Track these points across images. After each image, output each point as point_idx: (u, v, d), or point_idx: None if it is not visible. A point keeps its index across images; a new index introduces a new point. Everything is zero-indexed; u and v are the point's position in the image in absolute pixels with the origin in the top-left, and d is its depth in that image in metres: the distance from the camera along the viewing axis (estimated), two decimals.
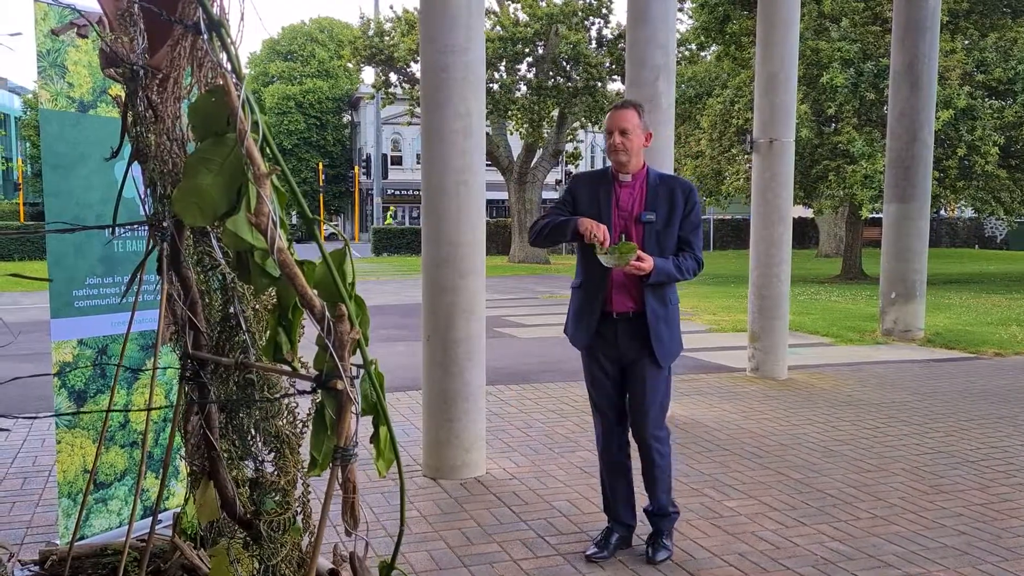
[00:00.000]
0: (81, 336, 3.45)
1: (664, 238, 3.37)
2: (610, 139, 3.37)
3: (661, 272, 3.28)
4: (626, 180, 3.41)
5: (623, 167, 3.39)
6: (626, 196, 3.41)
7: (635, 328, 3.40)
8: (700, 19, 19.96)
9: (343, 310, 1.35)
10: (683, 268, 3.35)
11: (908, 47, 9.66)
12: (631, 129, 3.33)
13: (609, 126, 3.38)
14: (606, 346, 3.46)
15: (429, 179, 4.56)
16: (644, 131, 3.40)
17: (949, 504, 4.27)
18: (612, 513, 3.66)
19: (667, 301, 3.42)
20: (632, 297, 3.39)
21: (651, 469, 3.54)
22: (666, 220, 3.37)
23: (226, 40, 1.36)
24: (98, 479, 3.56)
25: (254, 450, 1.94)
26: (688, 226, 3.40)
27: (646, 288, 3.34)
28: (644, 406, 3.47)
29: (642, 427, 3.50)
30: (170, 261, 1.96)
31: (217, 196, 1.38)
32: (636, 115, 3.37)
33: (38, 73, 3.30)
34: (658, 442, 3.51)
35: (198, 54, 1.48)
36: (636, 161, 3.40)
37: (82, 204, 3.41)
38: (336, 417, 1.37)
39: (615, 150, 3.35)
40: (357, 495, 1.34)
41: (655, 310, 3.37)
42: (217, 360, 1.76)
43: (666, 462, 3.56)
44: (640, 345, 3.40)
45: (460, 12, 4.40)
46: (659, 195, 3.37)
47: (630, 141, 3.33)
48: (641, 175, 3.42)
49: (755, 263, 7.61)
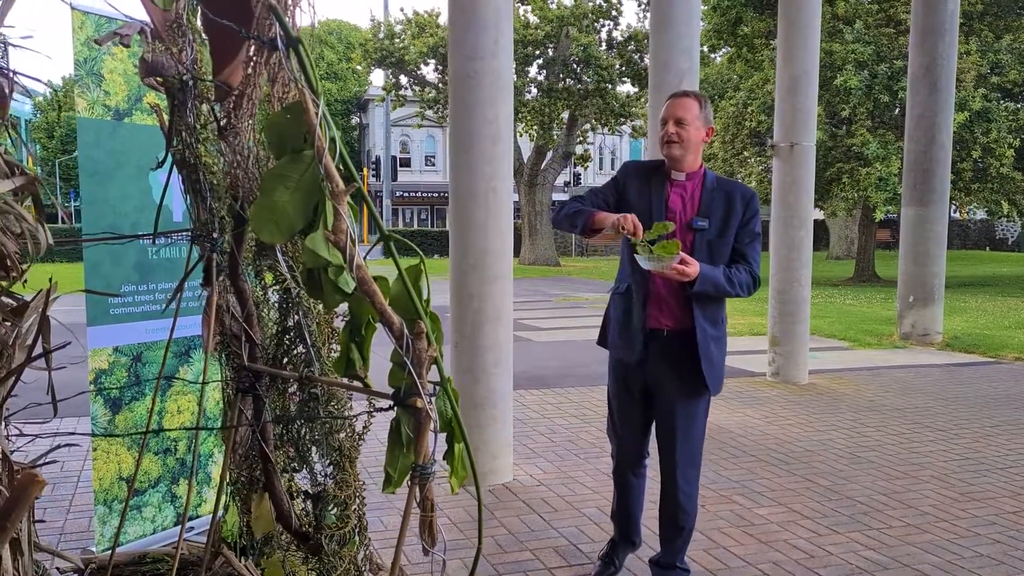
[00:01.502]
0: (117, 344, 3.46)
1: (717, 248, 2.98)
2: (664, 128, 2.99)
3: (707, 280, 2.87)
4: (679, 179, 3.04)
5: (676, 163, 3.01)
6: (678, 198, 3.03)
7: (676, 348, 3.01)
8: (712, 21, 19.91)
9: (422, 327, 1.34)
10: (735, 281, 2.94)
11: (926, 50, 9.62)
12: (690, 120, 2.95)
13: (665, 115, 3.00)
14: (640, 366, 3.10)
15: (457, 185, 4.56)
16: (705, 125, 3.01)
17: (981, 512, 4.24)
18: (622, 528, 3.44)
19: (718, 319, 3.03)
20: (671, 312, 3.01)
21: (675, 515, 3.13)
22: (720, 228, 2.99)
23: (303, 57, 1.36)
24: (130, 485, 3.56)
25: (311, 463, 1.94)
26: (746, 236, 3.01)
27: (695, 303, 2.96)
28: (674, 442, 3.06)
29: (671, 467, 3.09)
30: (227, 273, 1.96)
31: (294, 213, 1.38)
32: (697, 105, 2.98)
33: (75, 81, 3.31)
34: (687, 484, 3.10)
35: (271, 71, 1.47)
36: (693, 159, 3.02)
37: (118, 212, 3.42)
38: (414, 435, 1.36)
39: (669, 141, 2.97)
40: (435, 513, 1.33)
41: (705, 329, 2.97)
42: (278, 374, 1.76)
43: (692, 513, 3.15)
44: (682, 369, 3.02)
45: (489, 17, 4.40)
46: (715, 200, 3.00)
47: (687, 132, 2.95)
48: (697, 176, 3.05)
49: (775, 268, 7.58)
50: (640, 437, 3.26)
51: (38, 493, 0.93)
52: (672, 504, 3.12)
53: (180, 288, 2.16)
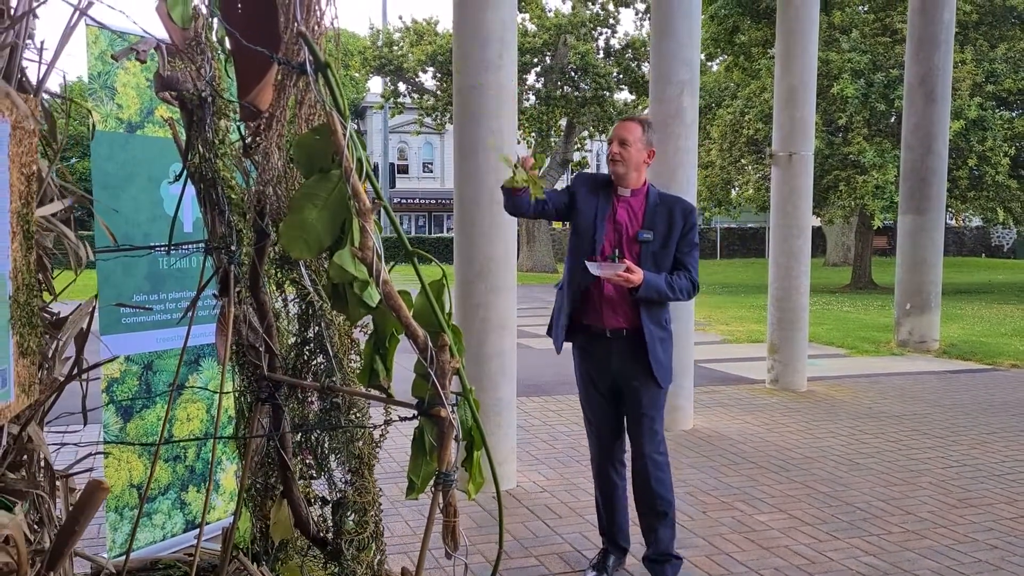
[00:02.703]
0: (128, 352, 3.51)
1: (661, 258, 3.29)
2: (609, 148, 3.34)
3: (651, 287, 3.18)
4: (624, 194, 3.34)
5: (620, 180, 3.32)
6: (623, 212, 3.33)
7: (629, 347, 3.31)
8: (709, 30, 20.05)
9: (445, 340, 1.40)
10: (676, 287, 3.25)
11: (922, 60, 9.72)
12: (631, 141, 3.27)
13: (611, 136, 3.36)
14: (600, 365, 3.38)
15: (462, 195, 4.62)
16: (646, 147, 3.32)
17: (979, 518, 4.30)
18: (609, 535, 3.58)
19: (663, 322, 3.33)
20: (624, 314, 3.30)
21: (651, 499, 3.36)
22: (664, 240, 3.30)
23: (332, 81, 1.42)
24: (143, 493, 3.61)
25: (330, 470, 2.00)
26: (685, 246, 3.33)
27: (641, 308, 3.26)
28: (642, 426, 3.36)
29: (640, 445, 3.39)
30: (247, 285, 2.01)
31: (322, 230, 1.43)
32: (640, 129, 3.30)
33: (89, 95, 3.37)
34: (658, 468, 3.36)
35: (299, 93, 1.53)
36: (635, 176, 3.32)
37: (130, 223, 3.47)
38: (437, 443, 1.42)
39: (612, 160, 3.31)
40: (458, 519, 1.39)
41: (651, 330, 3.27)
42: (301, 384, 1.81)
43: (666, 495, 3.37)
44: (636, 365, 3.31)
45: (495, 30, 4.47)
46: (658, 214, 3.31)
47: (628, 153, 3.27)
48: (642, 192, 3.35)
49: (774, 276, 7.65)
50: (615, 429, 3.50)
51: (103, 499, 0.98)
52: (648, 491, 3.37)
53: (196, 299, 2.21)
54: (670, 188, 4.99)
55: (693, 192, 5.98)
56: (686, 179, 5.86)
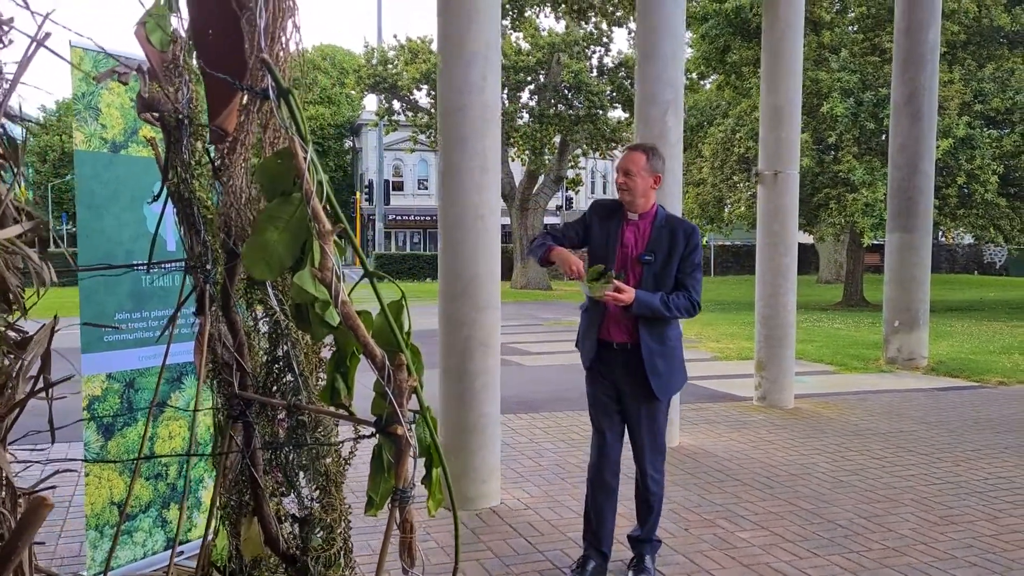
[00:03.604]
0: (110, 370, 3.53)
1: (662, 278, 3.51)
2: (617, 178, 3.59)
3: (643, 305, 3.41)
4: (633, 219, 3.58)
5: (629, 206, 3.57)
6: (631, 235, 3.57)
7: (632, 360, 3.54)
8: (701, 49, 20.22)
9: (402, 359, 1.43)
10: (672, 305, 3.45)
11: (908, 80, 9.83)
12: (636, 171, 3.50)
13: (617, 166, 3.62)
14: (607, 372, 3.63)
15: (447, 214, 4.66)
16: (651, 174, 3.54)
17: (959, 535, 4.32)
18: (592, 540, 3.73)
19: (664, 337, 3.53)
20: (626, 329, 3.53)
21: (646, 497, 3.69)
22: (665, 260, 3.51)
23: (294, 106, 1.46)
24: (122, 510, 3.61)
25: (298, 487, 2.02)
26: (687, 267, 3.53)
27: (640, 323, 3.48)
28: (641, 436, 3.62)
29: (640, 457, 3.65)
30: (219, 304, 2.04)
31: (283, 252, 1.47)
32: (644, 158, 3.53)
33: (74, 115, 3.41)
34: (655, 472, 3.66)
35: (264, 118, 1.57)
36: (643, 202, 3.55)
37: (113, 241, 3.50)
38: (395, 460, 1.44)
39: (619, 189, 3.56)
40: (415, 535, 1.41)
41: (648, 344, 3.49)
42: (268, 402, 1.84)
43: (660, 494, 3.70)
44: (636, 377, 3.54)
45: (478, 51, 4.52)
46: (662, 236, 3.53)
47: (633, 182, 3.51)
48: (649, 215, 3.58)
49: (761, 293, 7.70)
50: (618, 433, 3.70)
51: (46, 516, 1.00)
52: (645, 490, 3.68)
53: (174, 317, 2.24)
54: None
55: (678, 211, 6.03)
56: (671, 197, 5.91)
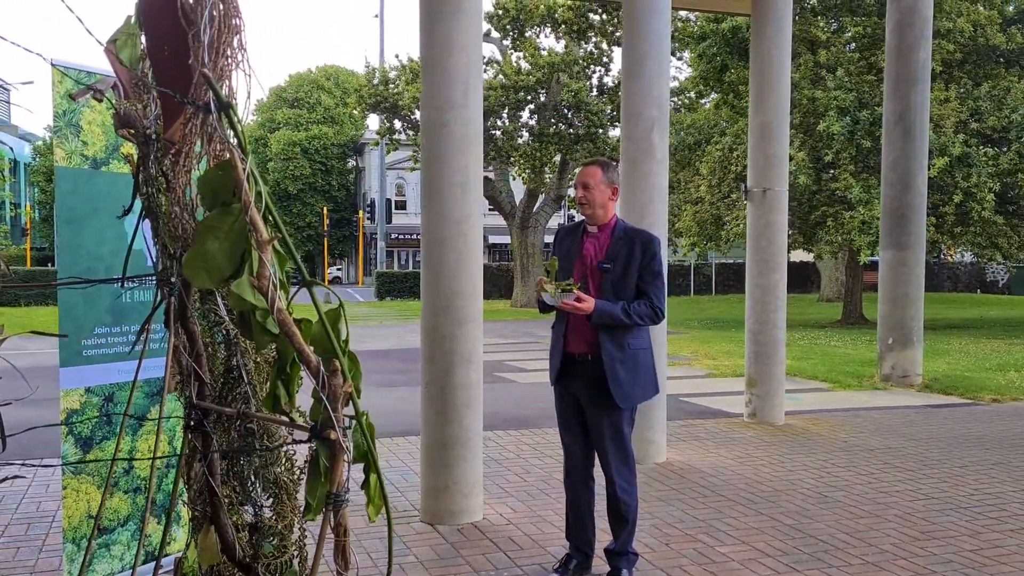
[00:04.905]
0: (88, 384, 3.56)
1: (621, 286, 3.59)
2: (576, 193, 3.71)
3: (603, 313, 3.49)
4: (593, 231, 3.71)
5: (589, 219, 3.70)
6: (590, 246, 3.69)
7: (590, 370, 3.61)
8: (699, 68, 20.35)
9: (337, 365, 1.46)
10: (633, 313, 3.52)
11: (900, 98, 9.89)
12: (593, 185, 3.62)
13: (575, 181, 3.73)
14: (570, 384, 3.72)
15: (429, 230, 4.70)
16: (609, 186, 3.65)
17: (940, 550, 4.32)
18: (573, 538, 3.87)
19: (624, 345, 3.58)
20: (586, 340, 3.61)
21: (615, 506, 3.72)
22: (624, 269, 3.59)
23: (233, 119, 1.50)
24: (102, 524, 3.64)
25: (253, 496, 2.04)
26: (647, 275, 3.61)
27: (601, 332, 3.55)
28: (603, 447, 3.67)
29: (607, 467, 3.69)
30: (176, 314, 2.08)
31: (223, 261, 1.50)
32: (600, 172, 3.64)
33: (54, 132, 3.47)
34: (623, 480, 3.68)
35: (208, 130, 1.62)
36: (602, 213, 3.66)
37: (93, 256, 3.55)
38: (329, 465, 1.47)
39: (579, 203, 3.69)
40: (348, 539, 1.44)
41: (610, 352, 3.55)
42: (220, 410, 1.87)
43: (631, 503, 3.71)
44: (594, 387, 3.60)
45: (459, 70, 4.59)
46: (620, 246, 3.62)
47: (592, 195, 3.62)
48: (608, 227, 3.69)
49: (751, 310, 7.72)
50: (582, 445, 3.78)
51: None
52: (614, 500, 3.71)
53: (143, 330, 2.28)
54: (641, 223, 5.08)
55: (664, 227, 6.07)
56: (656, 214, 5.96)
